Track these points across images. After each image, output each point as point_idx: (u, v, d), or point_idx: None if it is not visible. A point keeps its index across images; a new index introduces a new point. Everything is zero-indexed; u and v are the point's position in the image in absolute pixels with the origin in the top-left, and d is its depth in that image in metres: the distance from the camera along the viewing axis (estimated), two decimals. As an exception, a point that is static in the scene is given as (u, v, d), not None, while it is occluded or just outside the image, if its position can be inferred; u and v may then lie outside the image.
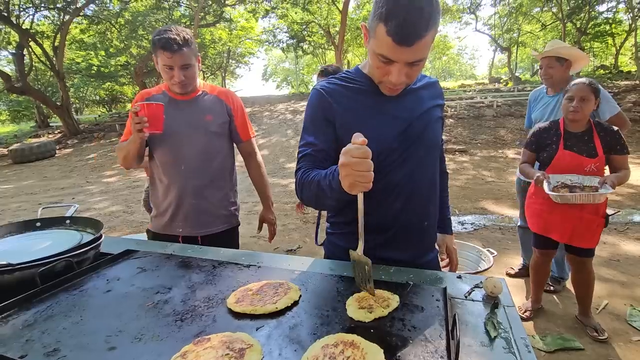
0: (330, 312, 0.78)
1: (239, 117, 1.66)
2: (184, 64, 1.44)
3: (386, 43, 0.82)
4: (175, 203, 1.56)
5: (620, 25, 19.04)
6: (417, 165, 1.04)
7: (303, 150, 1.00)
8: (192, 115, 1.54)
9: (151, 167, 1.62)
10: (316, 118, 1.01)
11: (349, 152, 0.73)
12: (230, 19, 20.99)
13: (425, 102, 1.06)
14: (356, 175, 0.72)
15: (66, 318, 0.79)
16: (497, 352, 0.65)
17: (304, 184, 0.94)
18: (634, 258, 3.13)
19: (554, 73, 2.38)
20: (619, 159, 1.94)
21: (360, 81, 1.03)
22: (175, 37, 1.39)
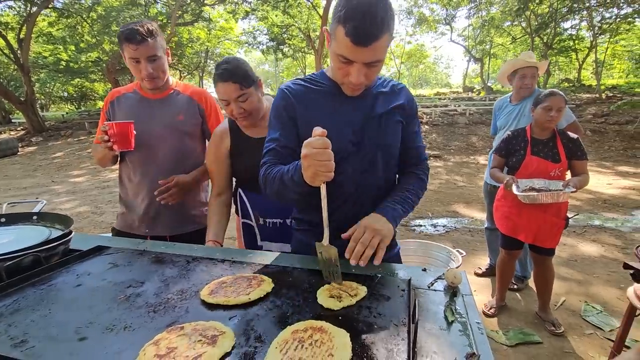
0: (301, 302, 0.82)
1: (212, 118, 1.64)
2: (150, 55, 1.41)
3: (345, 44, 0.87)
4: (145, 202, 1.53)
5: (582, 41, 20.31)
6: (376, 167, 1.08)
7: (268, 146, 1.05)
8: (164, 114, 1.52)
9: (121, 164, 1.60)
10: (280, 116, 1.05)
11: (310, 143, 0.78)
12: (209, 18, 20.71)
13: (384, 105, 1.07)
14: (318, 165, 0.78)
15: (34, 311, 0.78)
16: (454, 334, 0.71)
17: (267, 179, 0.99)
18: (590, 258, 3.35)
19: (534, 83, 2.55)
20: (579, 164, 2.09)
21: (324, 83, 1.08)
22: (138, 28, 1.37)
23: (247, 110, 1.31)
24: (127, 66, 1.47)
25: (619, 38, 20.34)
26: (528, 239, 2.17)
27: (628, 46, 23.25)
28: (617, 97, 13.89)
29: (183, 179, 1.51)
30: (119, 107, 1.55)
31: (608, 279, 2.91)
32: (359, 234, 0.92)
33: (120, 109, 1.54)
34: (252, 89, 1.31)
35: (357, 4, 0.84)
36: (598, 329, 2.22)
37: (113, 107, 1.56)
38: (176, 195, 1.49)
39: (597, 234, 4.04)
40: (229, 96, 1.28)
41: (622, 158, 9.36)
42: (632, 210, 5.03)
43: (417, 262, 2.66)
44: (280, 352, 0.62)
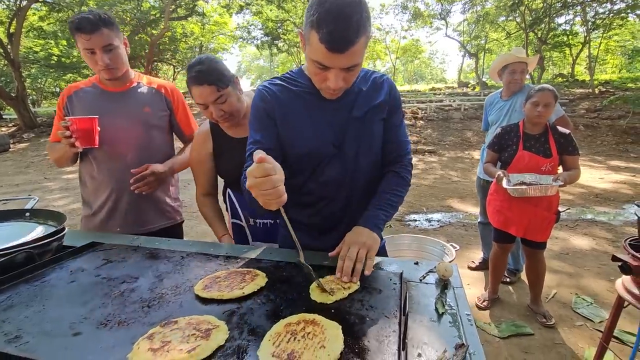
0: (294, 296, 0.83)
1: (180, 111, 1.60)
2: (105, 44, 1.33)
3: (320, 50, 0.83)
4: (112, 200, 1.48)
5: (576, 37, 20.42)
6: (357, 166, 1.07)
7: (250, 148, 1.01)
8: (129, 107, 1.47)
9: (82, 163, 1.52)
10: (260, 117, 1.03)
11: (250, 172, 0.72)
12: (203, 13, 20.48)
13: (366, 103, 1.05)
14: (265, 195, 0.72)
15: (27, 307, 0.78)
16: (444, 325, 0.73)
17: (244, 188, 0.91)
18: (582, 252, 3.40)
19: (523, 79, 2.58)
20: (570, 159, 2.12)
21: (302, 83, 1.05)
22: (90, 17, 1.30)
23: (227, 112, 1.25)
24: (83, 58, 1.41)
25: (612, 33, 20.48)
26: (519, 233, 2.20)
27: (621, 41, 23.44)
28: (610, 92, 14.02)
29: (158, 168, 1.47)
30: (78, 102, 1.46)
31: (599, 271, 2.96)
32: (344, 252, 0.92)
33: (79, 104, 1.46)
34: (229, 89, 1.24)
35: (329, 7, 0.79)
36: (588, 321, 2.26)
37: (71, 102, 1.47)
38: (152, 184, 1.45)
39: (588, 227, 4.10)
40: (206, 100, 1.21)
41: (614, 152, 9.48)
42: (623, 204, 5.10)
43: (411, 256, 2.69)
44: (273, 344, 0.63)
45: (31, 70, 20.30)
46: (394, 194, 1.08)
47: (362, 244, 0.93)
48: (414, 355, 0.63)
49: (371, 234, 0.97)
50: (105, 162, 1.46)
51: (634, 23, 19.56)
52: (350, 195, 1.09)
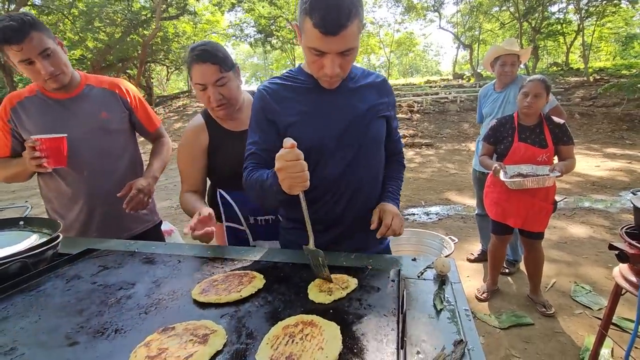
0: (292, 297, 0.82)
1: (139, 109, 1.53)
2: (41, 50, 1.20)
3: (315, 35, 0.86)
4: (85, 212, 1.41)
5: (570, 25, 20.39)
6: (361, 162, 1.08)
7: (249, 149, 1.05)
8: (84, 114, 1.37)
9: (41, 179, 1.44)
10: (259, 119, 1.05)
11: (281, 157, 0.80)
12: (194, 12, 20.29)
13: (368, 99, 1.08)
14: (292, 177, 0.80)
15: (23, 318, 0.78)
16: (442, 322, 0.72)
17: (248, 184, 1.00)
18: (579, 240, 3.42)
19: (515, 71, 2.58)
20: (565, 149, 2.12)
21: (302, 79, 1.06)
22: (12, 23, 1.14)
23: (225, 97, 1.22)
24: (20, 72, 1.26)
25: (606, 20, 20.44)
26: (517, 224, 2.21)
27: (614, 28, 23.42)
28: (605, 80, 14.03)
29: (141, 183, 1.41)
30: (24, 113, 1.34)
31: (596, 259, 2.98)
32: (387, 219, 1.04)
33: (27, 117, 1.33)
34: (231, 74, 1.23)
35: None
36: (587, 309, 2.28)
37: (17, 114, 1.34)
38: (142, 200, 1.40)
39: (586, 215, 4.12)
40: (208, 79, 1.18)
41: (609, 140, 9.51)
42: (619, 191, 5.13)
43: (410, 250, 2.69)
44: (271, 347, 0.62)
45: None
46: (400, 179, 1.24)
47: (396, 214, 1.07)
48: (413, 353, 0.63)
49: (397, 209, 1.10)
50: (70, 174, 1.38)
51: (627, 10, 19.54)
52: (351, 189, 1.09)
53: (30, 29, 1.17)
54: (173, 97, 20.77)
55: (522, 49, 2.61)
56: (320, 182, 1.07)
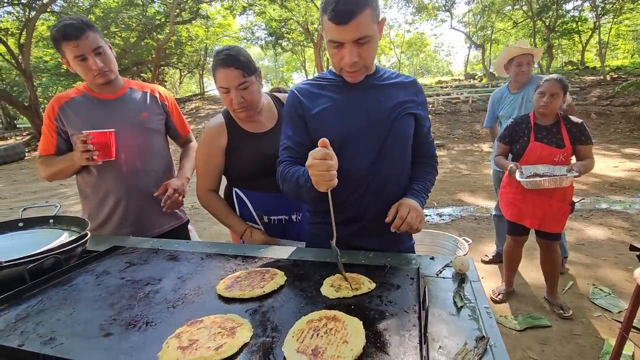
0: (313, 293, 0.85)
1: (175, 113, 1.65)
2: (95, 47, 1.34)
3: (330, 28, 0.95)
4: (121, 209, 1.48)
5: (585, 23, 19.95)
6: (386, 157, 1.10)
7: (284, 143, 1.12)
8: (126, 114, 1.47)
9: (79, 177, 1.51)
10: (292, 115, 1.13)
11: (312, 154, 0.86)
12: (207, 15, 20.59)
13: (394, 96, 1.11)
14: (318, 175, 0.85)
15: (59, 310, 0.82)
16: (463, 319, 0.73)
17: (285, 178, 1.05)
18: (597, 242, 3.35)
19: (530, 70, 2.58)
20: (584, 149, 2.09)
21: (331, 78, 1.13)
22: (73, 22, 1.29)
23: (246, 100, 1.28)
24: (73, 69, 1.38)
25: (623, 18, 19.91)
26: (533, 225, 2.18)
27: (632, 26, 22.76)
28: (622, 78, 13.68)
29: (176, 184, 1.50)
30: (72, 112, 1.42)
31: (616, 261, 2.91)
32: (402, 212, 1.03)
33: (74, 115, 1.42)
34: (253, 78, 1.29)
35: None
36: (606, 311, 2.23)
37: (64, 112, 1.42)
38: (178, 200, 1.50)
39: (604, 217, 4.03)
40: (231, 83, 1.24)
41: (628, 140, 9.27)
42: (638, 192, 4.99)
43: (424, 251, 2.68)
44: (297, 340, 0.64)
45: (42, 79, 20.72)
46: (430, 181, 1.22)
47: (413, 208, 1.05)
48: (435, 349, 0.65)
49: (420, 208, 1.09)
50: (109, 171, 1.44)
51: (646, 6, 18.99)
52: (375, 184, 1.10)
53: (87, 28, 1.32)
54: (186, 100, 21.11)
55: (535, 48, 2.60)
56: (345, 175, 1.09)
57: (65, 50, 1.33)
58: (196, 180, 1.47)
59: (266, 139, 1.38)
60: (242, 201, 1.42)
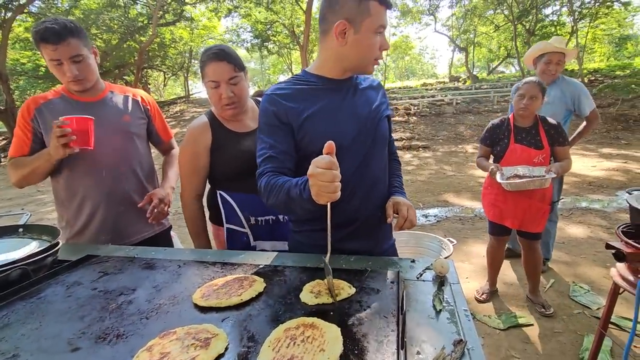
0: (292, 300, 0.83)
1: (157, 118, 1.61)
2: (72, 55, 1.29)
3: (381, 13, 0.98)
4: (100, 215, 1.42)
5: (563, 27, 20.59)
6: (373, 160, 1.11)
7: (264, 153, 1.02)
8: (107, 117, 1.42)
9: (55, 181, 1.44)
10: (271, 122, 1.03)
11: (315, 162, 0.78)
12: (191, 18, 20.40)
13: (373, 99, 1.14)
14: (320, 185, 0.77)
15: (24, 325, 0.78)
16: (442, 322, 0.73)
17: (271, 190, 0.95)
18: (577, 240, 3.44)
19: (559, 70, 2.54)
20: (561, 150, 2.14)
21: (313, 81, 1.08)
22: (54, 26, 1.24)
23: (236, 96, 1.30)
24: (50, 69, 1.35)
25: (599, 22, 20.65)
26: (514, 225, 2.22)
27: (607, 30, 23.66)
28: (599, 81, 14.17)
29: (160, 194, 1.48)
30: (49, 114, 1.35)
31: (594, 259, 2.99)
32: (404, 211, 1.07)
33: (52, 117, 1.33)
34: (242, 74, 1.32)
35: None
36: (586, 308, 2.29)
37: (42, 114, 1.36)
38: (163, 210, 1.47)
39: (583, 215, 4.15)
40: (222, 77, 1.26)
41: (605, 140, 9.59)
42: (616, 190, 5.16)
43: (409, 252, 2.70)
44: (273, 350, 0.63)
45: (19, 82, 20.08)
46: (400, 175, 1.32)
47: (409, 205, 1.11)
48: (413, 354, 0.64)
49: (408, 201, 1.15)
50: (88, 175, 1.40)
51: (620, 11, 19.75)
52: (364, 188, 1.10)
53: (68, 35, 1.27)
54: (170, 103, 20.79)
55: (570, 48, 2.55)
56: None
57: (42, 51, 1.30)
58: (180, 184, 1.44)
59: (250, 138, 1.37)
60: (228, 204, 1.39)
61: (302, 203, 0.87)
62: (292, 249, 1.23)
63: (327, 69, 1.08)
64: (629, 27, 24.99)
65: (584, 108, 2.57)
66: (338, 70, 1.07)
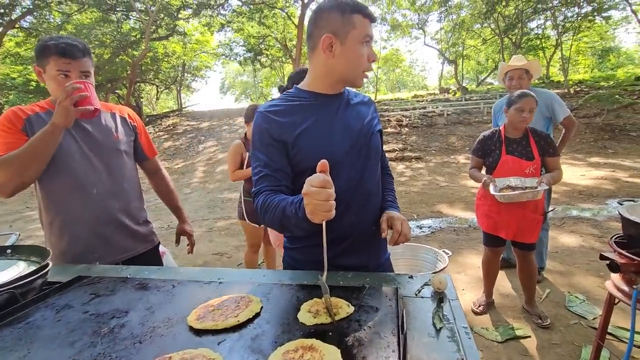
0: (291, 321, 0.81)
1: (143, 134, 1.61)
2: (83, 70, 1.33)
3: (366, 25, 1.01)
4: (89, 233, 1.40)
5: (548, 40, 21.24)
6: (366, 174, 1.11)
7: (259, 171, 1.02)
8: (97, 133, 1.42)
9: (45, 200, 1.38)
10: (265, 140, 1.02)
11: (309, 180, 0.78)
12: (184, 32, 20.55)
13: (364, 114, 1.15)
14: (315, 204, 0.77)
15: (11, 352, 0.75)
16: (442, 341, 0.72)
17: (267, 208, 0.96)
18: (570, 249, 3.47)
19: (523, 84, 2.67)
20: (552, 160, 2.18)
21: (305, 97, 1.08)
22: (76, 44, 1.31)
23: None
24: (42, 82, 1.34)
25: (582, 35, 21.34)
26: (509, 236, 2.23)
27: (590, 42, 24.45)
28: (585, 92, 14.52)
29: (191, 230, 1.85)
30: (38, 127, 1.28)
31: (588, 268, 3.01)
32: (398, 226, 1.06)
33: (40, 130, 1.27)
34: None
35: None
36: (582, 318, 2.29)
37: (31, 125, 1.30)
38: None
39: (574, 224, 4.19)
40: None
41: (593, 149, 9.78)
42: (605, 199, 5.24)
43: (405, 265, 2.68)
44: (272, 375, 0.61)
45: (9, 97, 19.90)
46: (394, 189, 1.31)
47: (403, 220, 1.10)
48: (415, 375, 0.63)
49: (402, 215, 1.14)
50: (79, 192, 1.37)
51: (601, 25, 20.45)
52: (359, 203, 1.10)
53: (86, 55, 1.34)
54: (163, 116, 20.74)
55: (529, 62, 2.71)
56: None
57: (50, 62, 1.27)
58: None
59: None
60: None
61: (298, 222, 0.87)
62: (286, 266, 1.21)
63: (318, 85, 1.09)
64: (610, 40, 25.86)
65: (558, 115, 2.68)
66: (328, 84, 1.08)
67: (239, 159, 2.59)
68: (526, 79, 2.68)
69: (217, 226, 5.09)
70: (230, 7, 19.66)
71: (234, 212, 5.68)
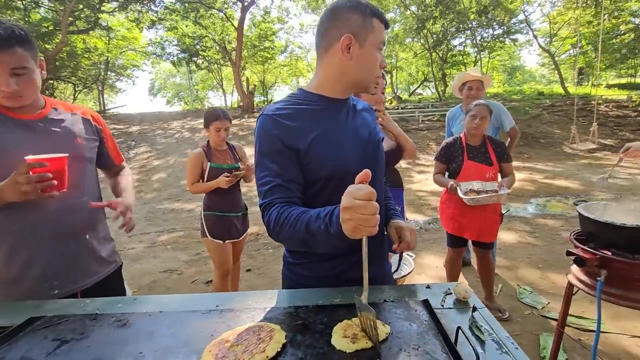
0: (325, 349, 0.72)
1: (109, 139, 1.41)
2: (15, 66, 1.05)
3: (382, 31, 0.97)
4: (46, 257, 1.15)
5: (469, 57, 23.72)
6: (377, 184, 1.05)
7: (269, 181, 0.90)
8: (57, 138, 1.19)
9: None
10: (275, 147, 0.92)
11: (351, 193, 0.69)
12: (108, 27, 18.72)
13: (370, 122, 1.11)
14: (360, 219, 0.67)
15: None
16: (492, 353, 0.69)
17: (284, 223, 0.83)
18: (512, 245, 3.82)
19: (479, 94, 2.88)
20: (506, 166, 2.38)
21: (315, 100, 1.00)
22: (0, 32, 1.01)
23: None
24: None
25: (495, 54, 24.26)
26: (472, 236, 2.37)
27: (502, 61, 27.92)
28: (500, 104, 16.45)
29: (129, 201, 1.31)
30: None
31: (529, 261, 3.34)
32: (408, 237, 1.04)
33: None
34: None
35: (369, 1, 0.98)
36: (533, 308, 2.51)
37: None
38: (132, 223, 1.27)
39: (509, 222, 4.64)
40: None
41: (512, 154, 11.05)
42: (529, 198, 5.93)
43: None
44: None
45: None
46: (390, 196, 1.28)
47: (411, 229, 1.07)
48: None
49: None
50: (30, 212, 1.12)
51: (510, 46, 23.46)
52: None
53: (15, 43, 1.04)
54: (83, 119, 18.53)
55: (484, 75, 2.95)
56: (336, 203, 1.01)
57: None
58: None
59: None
60: None
61: (328, 238, 0.77)
62: (289, 283, 1.09)
63: (328, 88, 1.01)
64: (517, 60, 29.84)
65: (505, 125, 2.97)
66: (340, 88, 1.01)
67: (199, 170, 2.33)
68: (482, 90, 2.93)
69: (160, 240, 4.63)
70: (162, 3, 18.41)
71: (178, 224, 5.24)
